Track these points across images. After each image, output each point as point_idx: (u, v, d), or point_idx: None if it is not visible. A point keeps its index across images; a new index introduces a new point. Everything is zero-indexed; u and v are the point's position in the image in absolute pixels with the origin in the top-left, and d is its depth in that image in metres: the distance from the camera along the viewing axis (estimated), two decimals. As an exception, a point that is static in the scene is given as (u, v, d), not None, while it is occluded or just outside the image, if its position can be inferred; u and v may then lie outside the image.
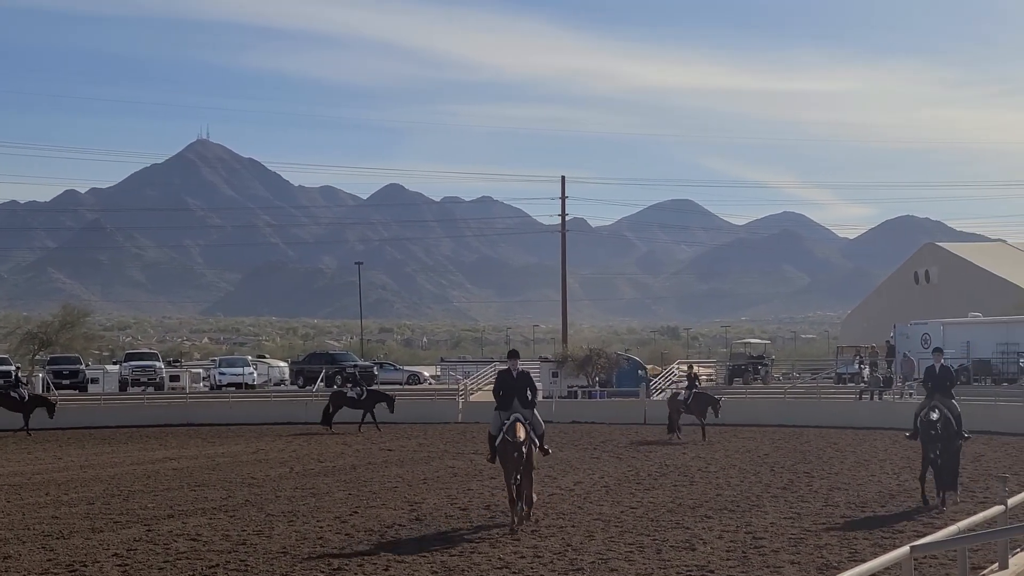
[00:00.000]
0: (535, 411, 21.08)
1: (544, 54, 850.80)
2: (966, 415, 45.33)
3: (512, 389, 20.84)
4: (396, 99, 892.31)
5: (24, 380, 55.81)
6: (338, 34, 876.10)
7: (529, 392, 20.93)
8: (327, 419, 47.67)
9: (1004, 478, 13.89)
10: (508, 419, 20.46)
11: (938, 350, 24.88)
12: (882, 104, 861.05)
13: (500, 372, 21.97)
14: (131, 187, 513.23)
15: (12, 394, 50.08)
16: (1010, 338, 60.56)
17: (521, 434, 20.08)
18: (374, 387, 54.35)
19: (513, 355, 21.75)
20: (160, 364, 72.59)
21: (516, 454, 19.89)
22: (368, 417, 48.20)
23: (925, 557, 14.70)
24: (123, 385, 69.01)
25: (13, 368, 63.75)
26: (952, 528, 11.80)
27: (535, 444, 20.67)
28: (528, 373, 21.65)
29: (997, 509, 13.02)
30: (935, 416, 22.55)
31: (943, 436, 22.42)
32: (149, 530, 20.43)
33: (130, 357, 76.45)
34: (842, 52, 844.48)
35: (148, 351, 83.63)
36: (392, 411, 48.75)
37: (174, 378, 71.37)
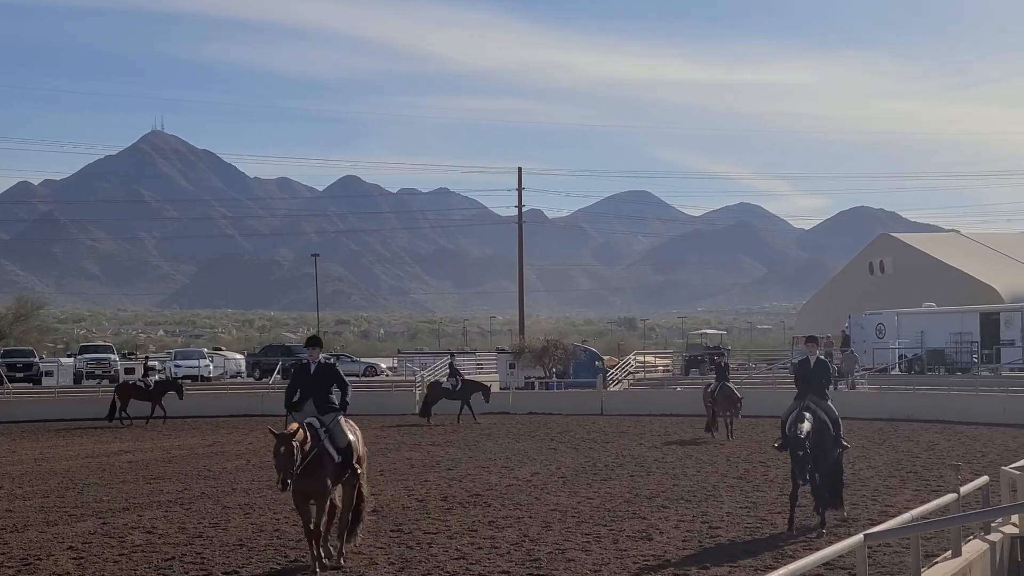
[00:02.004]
0: (342, 417, 16.34)
1: (501, 46, 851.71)
2: (920, 405, 45.74)
3: (308, 388, 16.33)
4: (353, 91, 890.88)
5: (155, 367, 55.33)
6: (296, 26, 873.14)
7: (333, 392, 16.40)
8: (426, 411, 46.39)
9: (957, 466, 14.01)
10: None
11: (812, 339, 20.57)
12: (837, 96, 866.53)
13: (295, 366, 17.79)
14: (85, 179, 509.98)
15: (139, 382, 50.14)
16: (963, 328, 61.07)
17: (303, 437, 15.49)
18: (470, 377, 52.36)
19: (312, 343, 16.87)
20: (115, 357, 72.20)
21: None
22: (465, 409, 46.84)
23: (879, 545, 14.82)
24: (78, 378, 68.59)
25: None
26: (905, 516, 11.89)
27: (333, 458, 15.88)
28: (333, 366, 16.74)
29: (950, 497, 13.13)
30: (804, 428, 18.23)
31: (816, 451, 18.33)
32: (104, 523, 20.32)
33: (85, 350, 75.98)
34: (797, 44, 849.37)
35: (103, 344, 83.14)
36: (488, 401, 47.41)
37: (129, 371, 70.95)
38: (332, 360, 18.60)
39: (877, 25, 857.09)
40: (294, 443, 15.04)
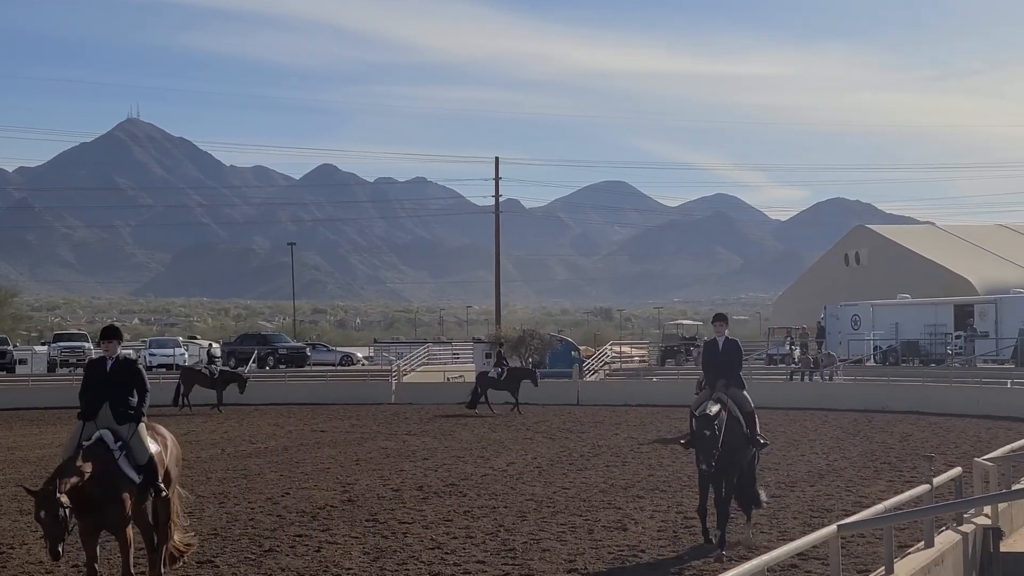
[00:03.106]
0: (144, 425, 13.31)
1: (479, 36, 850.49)
2: (894, 396, 45.92)
3: (103, 389, 13.17)
4: (331, 80, 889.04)
5: (217, 356, 54.95)
6: (274, 15, 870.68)
7: (134, 394, 13.29)
8: (474, 402, 44.88)
9: (930, 457, 14.08)
10: (89, 439, 12.74)
11: (720, 317, 17.64)
12: (814, 88, 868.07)
13: (88, 363, 14.71)
14: (59, 166, 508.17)
15: (204, 370, 50.00)
16: (938, 319, 61.33)
17: (87, 468, 12.18)
18: (515, 365, 50.84)
19: (108, 335, 13.49)
20: (89, 345, 71.90)
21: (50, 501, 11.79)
22: (513, 397, 45.52)
23: (852, 536, 14.88)
24: (52, 366, 68.33)
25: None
26: (879, 507, 11.94)
27: (132, 480, 12.82)
28: (134, 363, 13.74)
29: (923, 488, 13.19)
30: (713, 408, 15.97)
31: (723, 452, 15.88)
32: (78, 512, 20.21)
33: (59, 338, 75.69)
34: (776, 36, 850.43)
35: (77, 332, 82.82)
36: (536, 385, 45.96)
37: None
38: (133, 356, 15.49)
39: (855, 17, 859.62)
40: (61, 504, 11.74)
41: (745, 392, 16.82)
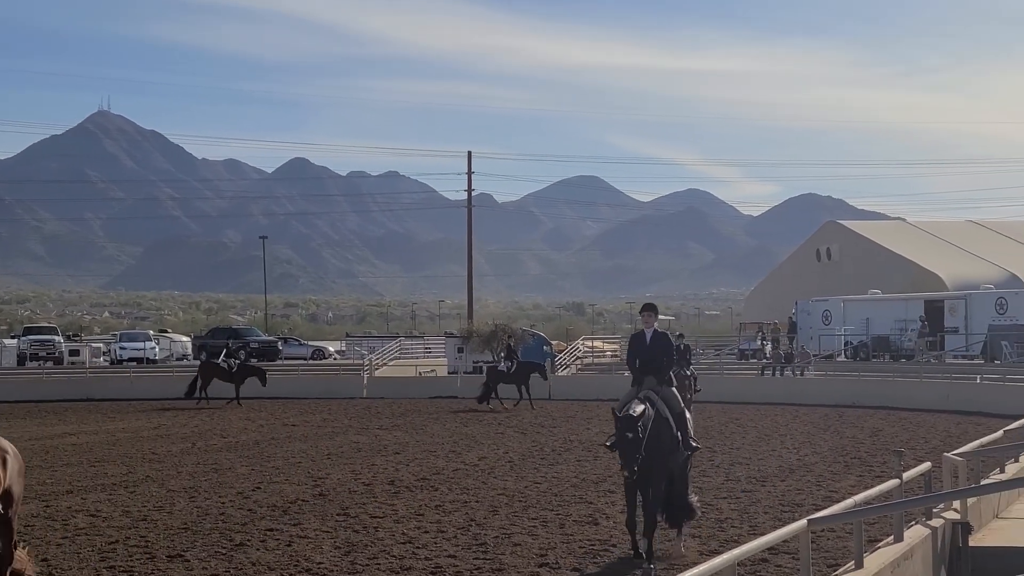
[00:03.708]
0: None
1: (452, 30, 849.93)
2: (865, 391, 46.09)
3: None
4: (303, 73, 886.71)
5: (237, 350, 54.48)
6: (246, 7, 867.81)
7: None
8: (486, 396, 44.57)
9: (900, 452, 14.10)
10: None
11: (649, 307, 15.74)
12: (787, 83, 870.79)
13: None
14: (30, 158, 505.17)
15: (222, 363, 49.69)
16: (908, 315, 61.57)
17: None
18: (525, 359, 49.76)
19: None
20: (59, 339, 71.60)
21: None
22: (523, 392, 45.13)
23: (823, 530, 14.92)
24: (21, 359, 67.96)
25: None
26: (849, 502, 11.97)
27: None
28: None
29: (893, 483, 13.22)
30: (637, 409, 14.52)
31: (650, 457, 14.48)
32: (47, 506, 20.15)
33: (28, 331, 75.28)
34: (747, 32, 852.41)
35: (47, 325, 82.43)
36: (546, 379, 45.41)
37: (74, 353, 70.40)
38: None
39: (824, 13, 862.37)
40: None
41: (675, 390, 15.58)
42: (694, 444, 15.62)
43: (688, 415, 15.72)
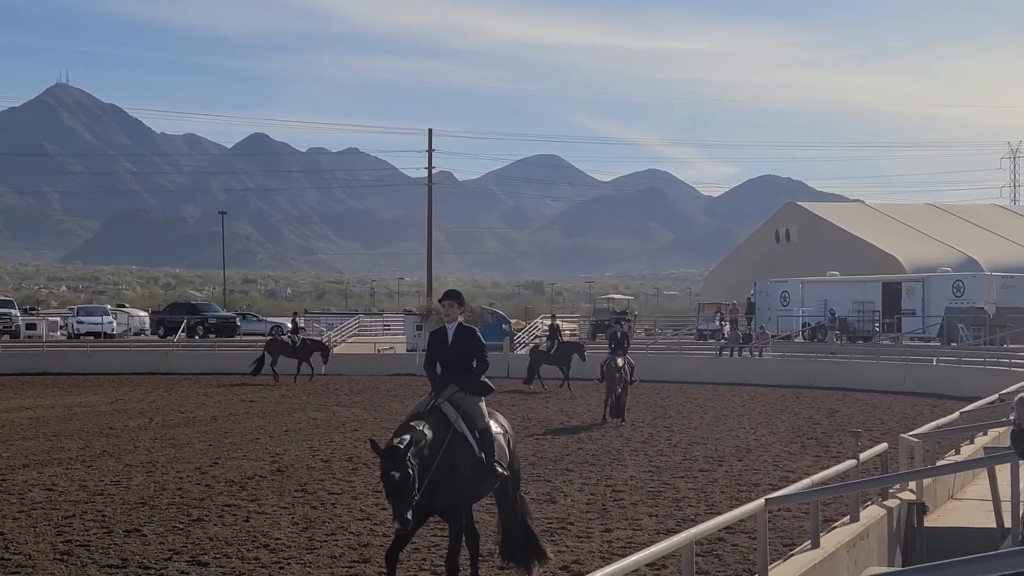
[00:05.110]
0: None
1: (413, 7, 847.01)
2: (822, 372, 46.37)
3: None
4: (263, 48, 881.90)
5: (299, 325, 53.79)
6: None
7: None
8: (531, 377, 43.68)
9: (857, 433, 14.20)
10: None
11: (451, 295, 12.78)
12: (747, 64, 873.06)
13: None
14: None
15: (284, 339, 49.53)
16: (866, 297, 61.95)
17: None
18: (566, 339, 49.34)
19: None
20: (16, 312, 71.09)
21: None
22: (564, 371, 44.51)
23: (779, 509, 15.01)
24: (-23, 333, 67.43)
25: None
26: (806, 481, 12.05)
27: None
28: None
29: (849, 463, 13.32)
30: (404, 441, 11.05)
31: (452, 474, 11.56)
32: (3, 480, 20.03)
33: (-16, 304, 74.61)
34: (710, 13, 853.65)
35: (4, 299, 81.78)
36: (584, 359, 44.67)
37: (31, 326, 69.92)
38: None
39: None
40: None
41: (482, 403, 12.44)
42: (499, 470, 12.20)
43: (503, 432, 12.96)
